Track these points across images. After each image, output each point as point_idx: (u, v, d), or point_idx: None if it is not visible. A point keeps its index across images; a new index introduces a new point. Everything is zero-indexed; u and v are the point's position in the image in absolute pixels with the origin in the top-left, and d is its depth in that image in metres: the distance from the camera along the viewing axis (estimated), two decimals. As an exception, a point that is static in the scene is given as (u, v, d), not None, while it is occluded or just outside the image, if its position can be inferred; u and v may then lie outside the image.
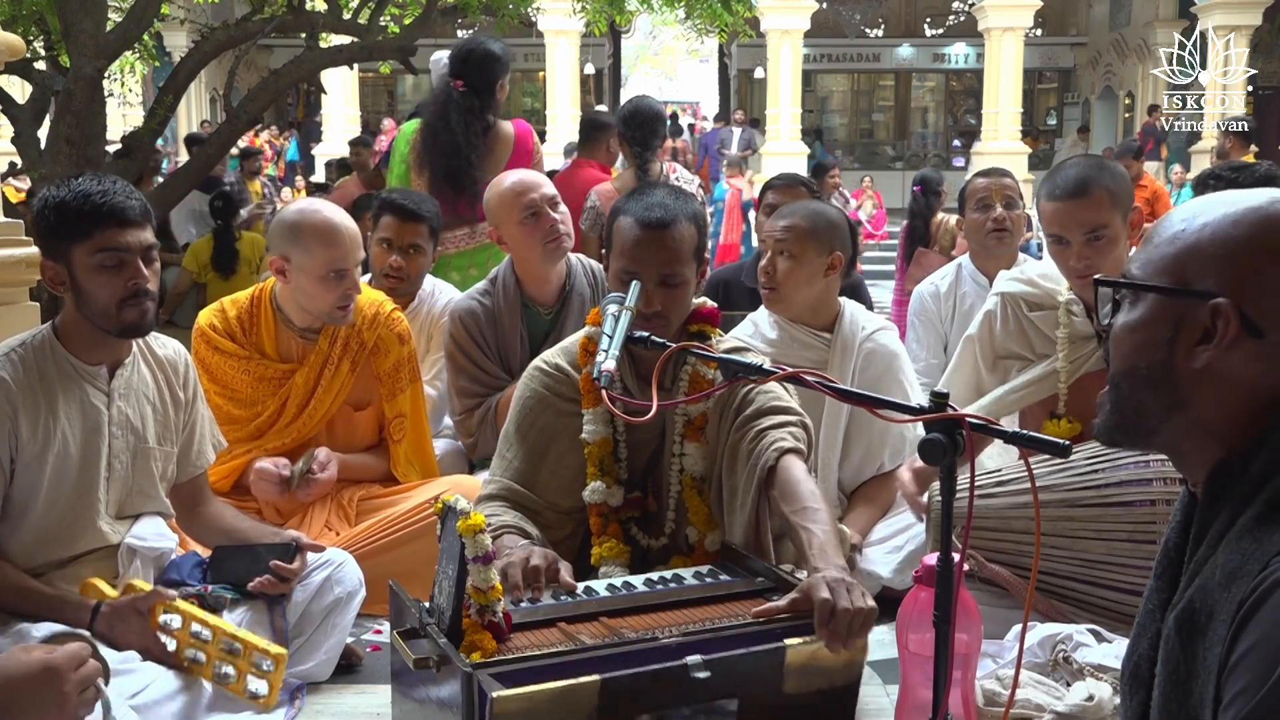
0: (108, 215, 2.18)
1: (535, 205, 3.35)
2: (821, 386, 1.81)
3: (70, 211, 2.17)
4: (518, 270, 3.43)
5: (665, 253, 2.31)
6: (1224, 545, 1.17)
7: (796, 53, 17.87)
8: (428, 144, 4.37)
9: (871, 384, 3.06)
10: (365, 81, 20.55)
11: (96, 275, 2.20)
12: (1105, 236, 2.71)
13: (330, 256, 2.83)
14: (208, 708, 2.28)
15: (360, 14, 7.25)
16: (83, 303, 2.24)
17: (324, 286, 2.87)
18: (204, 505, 2.63)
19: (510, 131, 4.50)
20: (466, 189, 4.31)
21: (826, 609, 1.82)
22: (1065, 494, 2.52)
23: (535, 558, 2.11)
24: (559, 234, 3.34)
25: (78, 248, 2.19)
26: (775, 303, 3.16)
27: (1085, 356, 2.82)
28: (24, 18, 6.88)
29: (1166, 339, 1.23)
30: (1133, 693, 1.29)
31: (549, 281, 3.42)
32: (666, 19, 14.29)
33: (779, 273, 3.12)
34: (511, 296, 3.40)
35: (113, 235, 2.19)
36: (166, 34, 16.19)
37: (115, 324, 2.25)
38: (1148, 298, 1.26)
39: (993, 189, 4.00)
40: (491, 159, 4.41)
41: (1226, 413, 1.21)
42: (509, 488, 2.41)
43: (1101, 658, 2.26)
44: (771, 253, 3.13)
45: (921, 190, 6.37)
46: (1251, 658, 1.07)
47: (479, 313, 3.38)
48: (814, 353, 3.12)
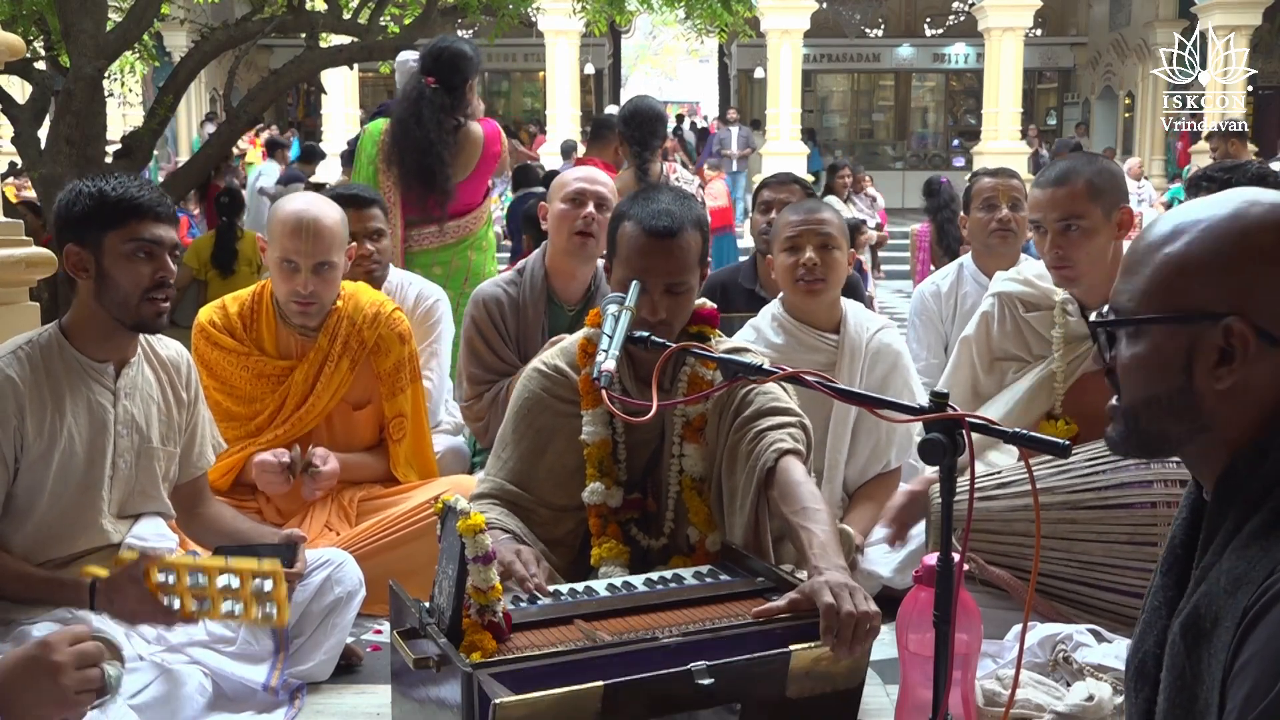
0: (145, 209, 2.28)
1: (580, 194, 3.37)
2: (821, 387, 1.81)
3: (110, 201, 2.26)
4: (548, 262, 3.44)
5: (671, 262, 2.31)
6: (1230, 551, 1.16)
7: (796, 53, 17.86)
8: (398, 140, 4.36)
9: (878, 383, 3.07)
10: (365, 81, 20.53)
11: (127, 263, 2.26)
12: (1080, 228, 2.70)
13: (284, 246, 2.88)
14: (208, 707, 2.28)
15: (360, 14, 7.25)
16: (104, 290, 2.28)
17: (279, 274, 2.92)
18: (204, 506, 2.63)
19: (479, 132, 4.51)
20: (438, 185, 4.31)
21: (832, 615, 1.82)
22: (1066, 496, 2.52)
23: (524, 553, 2.13)
24: (588, 229, 3.34)
25: (111, 235, 2.26)
26: (820, 293, 3.09)
27: (1082, 356, 2.82)
28: (24, 18, 6.87)
29: (1182, 366, 1.20)
30: (1138, 689, 1.28)
31: (575, 277, 3.44)
32: (666, 19, 14.30)
33: (827, 264, 3.07)
34: (538, 289, 3.41)
35: (148, 227, 2.28)
36: (166, 34, 16.18)
37: (133, 316, 2.30)
38: (1150, 328, 1.22)
39: (999, 189, 3.99)
40: (461, 158, 4.41)
41: (1245, 422, 1.19)
42: (501, 486, 2.42)
43: (1101, 658, 2.26)
44: (813, 247, 3.07)
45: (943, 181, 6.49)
46: (1254, 666, 1.07)
47: (503, 300, 3.39)
48: (821, 355, 3.11)
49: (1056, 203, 2.72)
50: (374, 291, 3.19)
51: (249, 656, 2.42)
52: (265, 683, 2.40)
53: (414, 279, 3.82)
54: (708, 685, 1.74)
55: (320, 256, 2.89)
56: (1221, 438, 1.20)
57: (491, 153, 4.51)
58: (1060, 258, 2.73)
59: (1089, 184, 2.71)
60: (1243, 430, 1.19)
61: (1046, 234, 2.74)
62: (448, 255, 4.46)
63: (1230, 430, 1.19)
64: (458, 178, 4.42)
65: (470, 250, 4.50)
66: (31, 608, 2.25)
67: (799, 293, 3.11)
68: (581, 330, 2.50)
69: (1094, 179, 2.73)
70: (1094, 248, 2.71)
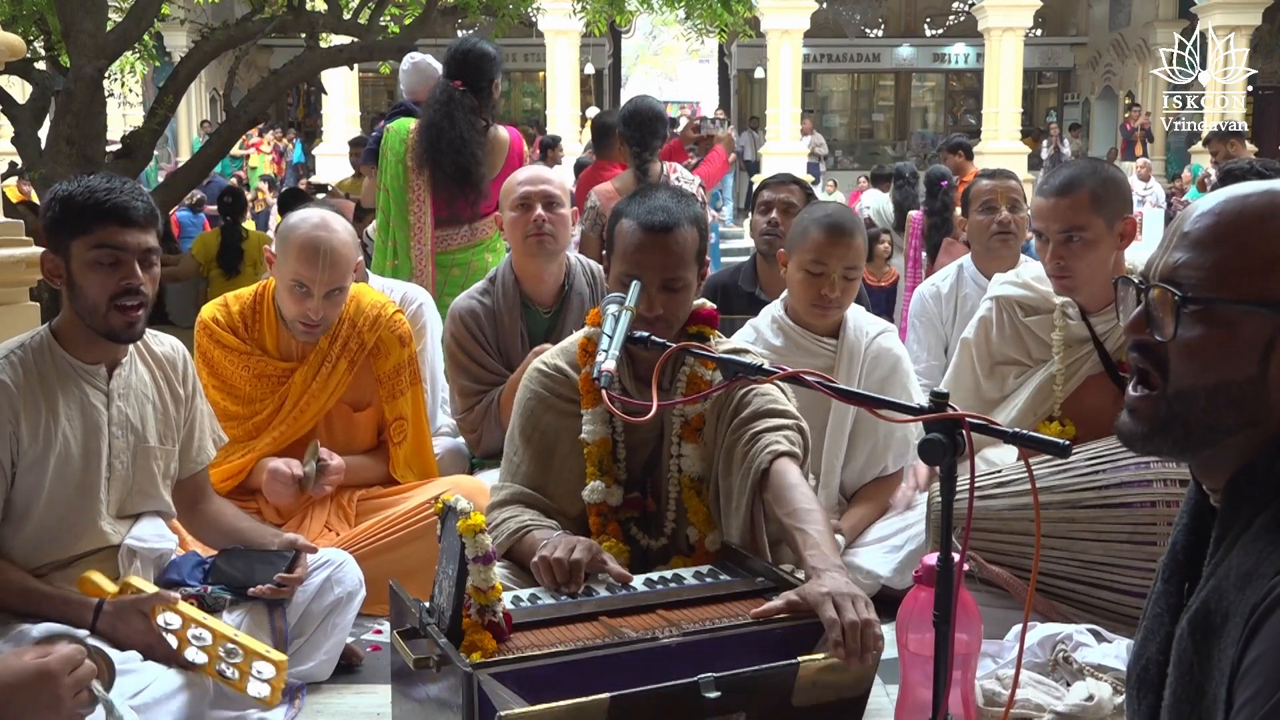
0: (110, 213, 2.20)
1: (527, 197, 3.38)
2: (821, 387, 1.81)
3: (75, 206, 2.20)
4: (515, 267, 3.45)
5: (667, 257, 2.30)
6: (1239, 546, 1.15)
7: (796, 53, 17.88)
8: (433, 143, 4.38)
9: (876, 386, 3.05)
10: (365, 81, 20.54)
11: (91, 271, 2.22)
12: (1082, 239, 2.69)
13: (297, 270, 2.85)
14: (209, 707, 2.28)
15: (360, 14, 7.26)
16: (75, 298, 2.26)
17: (289, 295, 2.89)
18: (205, 503, 2.63)
19: (505, 136, 4.55)
20: (473, 184, 4.34)
21: (836, 628, 1.81)
22: (1066, 495, 2.52)
23: (578, 551, 2.10)
24: (540, 231, 3.34)
25: (76, 242, 2.22)
26: (834, 315, 3.13)
27: (1081, 360, 2.81)
28: (24, 18, 6.88)
29: (1260, 354, 1.15)
30: (1141, 697, 1.27)
31: (543, 279, 3.43)
32: (666, 19, 14.31)
33: (846, 293, 3.08)
34: (510, 295, 3.41)
35: (112, 233, 2.21)
36: (166, 34, 16.19)
37: (103, 324, 2.26)
38: (1229, 311, 1.16)
39: (998, 191, 3.98)
40: (490, 159, 4.44)
41: (1277, 421, 1.16)
42: (521, 493, 2.40)
43: (1101, 658, 2.26)
44: (838, 274, 3.05)
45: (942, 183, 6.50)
46: (1262, 664, 1.06)
47: (479, 311, 3.39)
48: (820, 360, 3.09)
49: (1059, 213, 2.70)
50: (375, 293, 3.18)
51: (249, 656, 2.41)
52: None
53: (395, 284, 3.81)
54: (715, 697, 1.74)
55: (334, 284, 2.87)
56: (1266, 434, 1.16)
57: (516, 153, 4.53)
58: (1061, 268, 2.72)
59: (1093, 194, 2.69)
60: (1274, 427, 1.16)
61: (1049, 243, 2.73)
62: (467, 257, 4.48)
63: (1271, 424, 1.16)
64: (488, 178, 4.44)
65: (486, 252, 4.52)
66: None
67: (815, 315, 3.12)
68: (582, 330, 2.50)
69: (1098, 189, 2.70)
70: (1095, 258, 2.70)
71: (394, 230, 4.49)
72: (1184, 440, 1.21)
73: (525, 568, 2.19)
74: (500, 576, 1.93)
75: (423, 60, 5.41)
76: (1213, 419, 1.17)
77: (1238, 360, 1.15)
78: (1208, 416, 1.18)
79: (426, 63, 5.34)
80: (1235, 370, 1.16)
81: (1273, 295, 1.14)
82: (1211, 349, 1.16)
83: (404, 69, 5.41)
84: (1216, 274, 1.16)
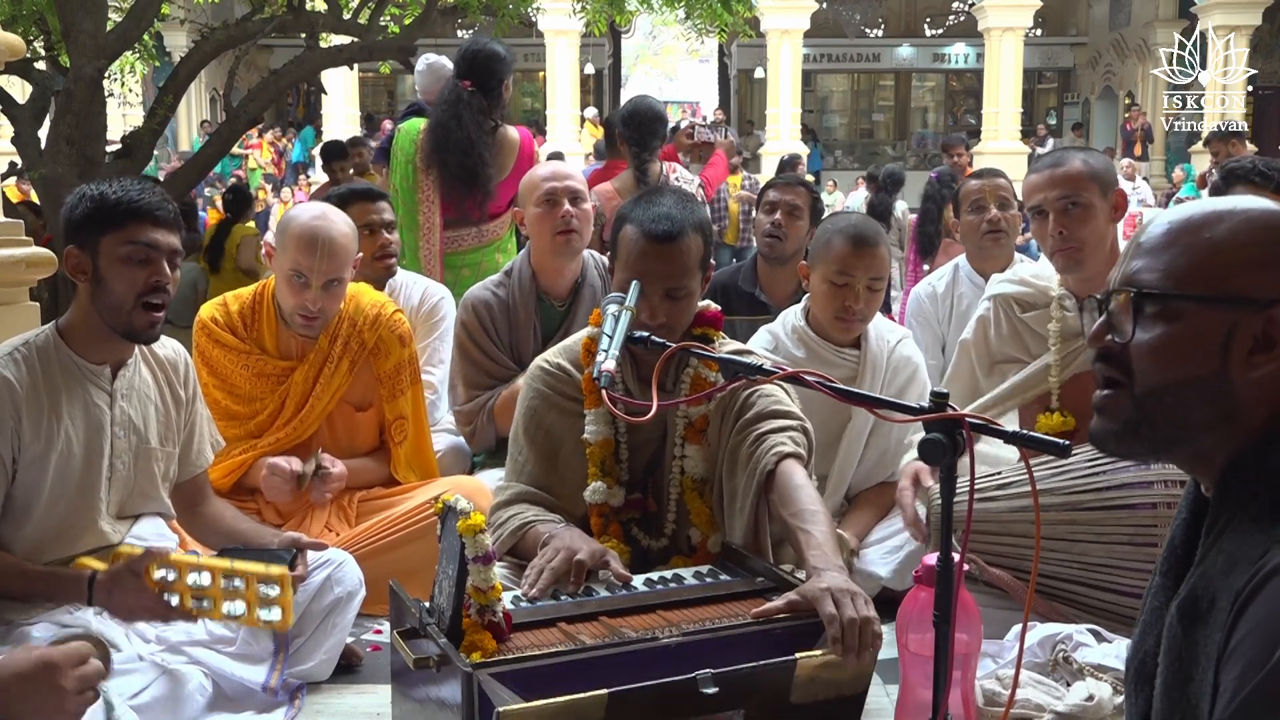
0: (144, 212, 2.26)
1: (554, 193, 3.37)
2: (821, 387, 1.81)
3: (109, 203, 2.25)
4: (533, 261, 3.45)
5: (671, 266, 2.30)
6: (1227, 535, 1.17)
7: (796, 53, 17.90)
8: (440, 143, 4.39)
9: (896, 393, 3.04)
10: (365, 81, 20.56)
11: (122, 267, 2.25)
12: (1081, 204, 2.70)
13: (295, 260, 2.86)
14: (208, 707, 2.28)
15: (360, 14, 7.25)
16: (100, 294, 2.27)
17: (288, 286, 2.90)
18: (204, 504, 2.63)
19: (515, 136, 4.55)
20: (480, 185, 4.33)
21: (835, 624, 1.81)
22: (1066, 497, 2.52)
23: (582, 553, 2.11)
24: (569, 227, 3.34)
25: (108, 237, 2.25)
26: (856, 329, 3.13)
27: (1078, 351, 2.81)
28: (24, 18, 6.88)
29: (1219, 350, 1.18)
30: (1138, 690, 1.28)
31: (562, 274, 3.44)
32: (666, 19, 14.30)
33: (870, 304, 3.08)
34: (526, 288, 3.41)
35: (145, 230, 2.26)
36: (166, 34, 16.19)
37: (125, 324, 2.28)
38: (1185, 307, 1.20)
39: (986, 190, 3.99)
40: (499, 160, 4.44)
41: (1266, 412, 1.18)
42: (527, 492, 2.40)
43: (1101, 658, 2.26)
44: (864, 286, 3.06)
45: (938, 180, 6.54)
46: (1248, 643, 1.07)
47: (492, 303, 3.40)
48: (842, 370, 3.08)
49: (1056, 182, 2.72)
50: (375, 293, 3.19)
51: (249, 656, 2.42)
52: (265, 683, 2.40)
53: (417, 278, 3.82)
54: (712, 693, 1.74)
55: (332, 274, 2.88)
56: (1241, 429, 1.19)
57: (526, 154, 4.52)
58: (1065, 238, 2.71)
59: (1085, 164, 2.74)
60: (1261, 420, 1.19)
61: (1048, 217, 2.73)
62: (477, 258, 4.48)
63: (1252, 419, 1.19)
64: (495, 179, 4.44)
65: (497, 253, 4.52)
66: (30, 608, 2.25)
67: (839, 329, 3.11)
68: (585, 329, 2.50)
69: (1088, 159, 2.76)
70: (1096, 227, 2.71)
71: (403, 231, 4.50)
72: (1153, 439, 1.25)
73: (529, 563, 2.19)
74: (501, 576, 1.93)
75: (436, 60, 5.42)
76: (1181, 415, 1.21)
77: (1197, 356, 1.19)
78: (1175, 413, 1.21)
79: (440, 63, 5.35)
80: (1196, 365, 1.19)
81: (1226, 291, 1.19)
82: (1171, 346, 1.21)
83: (418, 69, 5.42)
84: (1171, 273, 1.22)
